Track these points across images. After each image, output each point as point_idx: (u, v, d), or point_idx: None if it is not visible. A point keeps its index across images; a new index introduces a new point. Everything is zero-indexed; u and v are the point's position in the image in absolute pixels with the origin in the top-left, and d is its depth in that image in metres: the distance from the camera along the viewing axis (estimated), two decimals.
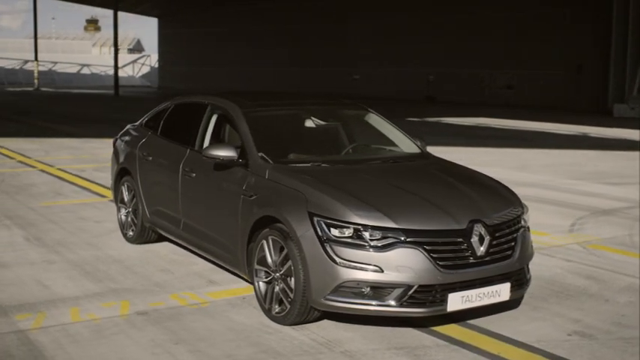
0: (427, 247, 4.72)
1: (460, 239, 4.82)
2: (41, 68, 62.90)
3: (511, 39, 37.51)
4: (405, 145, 6.49)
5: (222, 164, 5.77)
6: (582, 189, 11.23)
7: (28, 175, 11.92)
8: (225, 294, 5.82)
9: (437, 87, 41.53)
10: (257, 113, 6.10)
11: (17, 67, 64.44)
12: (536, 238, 7.83)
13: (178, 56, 61.04)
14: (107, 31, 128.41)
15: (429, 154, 6.38)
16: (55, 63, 67.05)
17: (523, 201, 5.64)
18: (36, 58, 55.32)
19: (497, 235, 4.99)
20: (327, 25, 47.56)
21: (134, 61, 73.36)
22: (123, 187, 7.48)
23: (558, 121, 26.49)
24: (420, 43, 41.82)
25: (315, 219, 4.81)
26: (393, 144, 6.50)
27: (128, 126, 7.98)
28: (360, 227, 4.72)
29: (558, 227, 8.51)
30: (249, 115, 6.00)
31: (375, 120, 6.72)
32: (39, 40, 57.92)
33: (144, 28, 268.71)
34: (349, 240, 4.72)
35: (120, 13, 49.37)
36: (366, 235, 4.71)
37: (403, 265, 4.66)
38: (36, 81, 55.05)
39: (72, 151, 15.35)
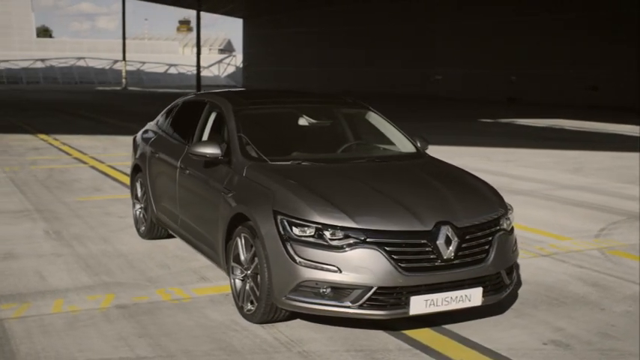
0: (388, 249, 4.62)
1: (424, 241, 4.69)
2: (130, 68, 65.05)
3: (595, 40, 36.27)
4: (403, 144, 6.38)
5: (210, 162, 5.81)
6: (628, 193, 10.75)
7: (76, 170, 12.32)
8: (211, 290, 5.86)
9: (520, 88, 40.54)
10: (248, 111, 6.12)
11: (107, 67, 66.70)
12: (555, 243, 7.62)
13: (262, 56, 61.86)
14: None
15: (424, 154, 6.25)
16: (144, 63, 69.11)
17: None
18: (124, 59, 57.12)
19: (467, 237, 4.83)
20: (408, 26, 47.15)
21: (220, 61, 74.80)
22: (137, 184, 7.64)
23: (638, 123, 25.46)
24: (503, 44, 40.92)
25: (279, 217, 4.78)
26: (390, 143, 6.40)
27: (148, 123, 8.14)
28: (320, 226, 4.66)
29: (586, 232, 8.18)
30: (238, 113, 6.03)
31: (375, 119, 6.63)
32: (130, 41, 59.97)
33: (235, 29, 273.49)
34: (310, 239, 4.67)
35: (212, 15, 50.36)
36: (327, 234, 4.65)
37: (362, 266, 4.57)
38: (124, 80, 56.88)
39: (130, 149, 15.74)
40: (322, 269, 4.61)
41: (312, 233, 4.67)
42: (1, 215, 8.59)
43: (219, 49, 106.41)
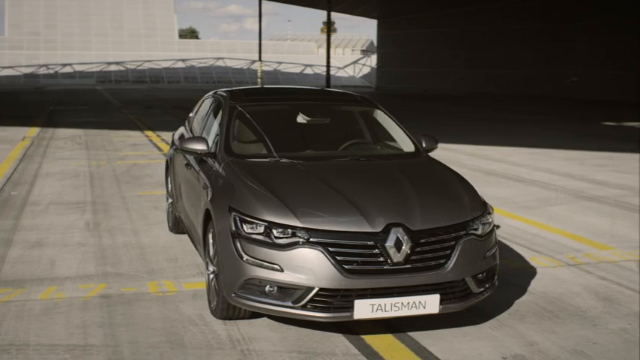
0: (331, 249, 4.49)
1: (371, 243, 4.52)
2: (267, 68, 66.78)
3: None
4: (405, 143, 6.18)
5: (201, 157, 5.89)
6: None
7: (156, 166, 12.77)
8: (200, 285, 5.92)
9: None
10: (243, 107, 6.14)
11: (244, 68, 68.73)
12: (592, 252, 7.15)
13: (395, 57, 61.63)
14: (342, 33, 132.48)
15: (422, 154, 6.02)
16: (280, 63, 70.68)
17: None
18: (259, 59, 58.71)
19: (422, 241, 4.61)
20: (545, 26, 45.43)
21: (355, 62, 75.28)
22: (168, 179, 7.84)
23: None
24: None
25: (233, 214, 4.77)
26: (391, 141, 6.22)
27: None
28: (267, 224, 4.61)
29: (635, 242, 7.59)
30: (233, 109, 6.07)
31: (382, 117, 6.47)
32: (267, 42, 61.53)
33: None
34: (259, 237, 4.63)
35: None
36: (273, 232, 4.58)
37: (304, 266, 4.48)
38: (259, 80, 58.43)
39: None
40: (266, 267, 4.56)
41: (262, 231, 4.63)
42: (57, 206, 9.06)
43: (361, 50, 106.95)
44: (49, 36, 65.18)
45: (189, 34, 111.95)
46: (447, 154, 15.04)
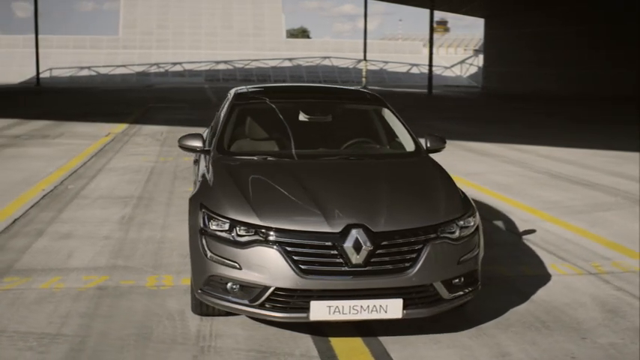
0: (289, 249, 4.44)
1: (329, 243, 4.44)
2: (373, 67, 66.72)
3: None
4: (407, 143, 6.03)
5: (201, 153, 5.97)
6: None
7: None
8: None
9: None
10: (245, 106, 6.16)
11: (350, 67, 68.91)
12: (621, 260, 6.81)
13: (502, 57, 60.13)
14: (455, 33, 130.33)
15: (421, 154, 5.84)
16: (386, 62, 70.44)
17: None
18: (364, 58, 58.74)
19: (385, 244, 4.48)
20: None
21: (462, 62, 74.09)
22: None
23: None
24: None
25: (203, 210, 4.80)
26: (395, 140, 6.10)
27: None
28: (230, 222, 4.61)
29: None
30: (234, 107, 6.11)
31: (388, 116, 6.34)
32: (373, 41, 61.55)
33: None
34: (222, 234, 4.64)
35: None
36: (236, 230, 4.58)
37: (261, 264, 4.45)
38: (363, 79, 58.50)
39: None
40: (227, 265, 4.56)
41: (227, 229, 4.63)
42: (104, 200, 9.39)
43: (473, 50, 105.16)
44: (161, 35, 67.55)
45: (300, 33, 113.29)
46: (519, 155, 14.58)
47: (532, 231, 7.92)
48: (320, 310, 4.43)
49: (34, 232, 7.56)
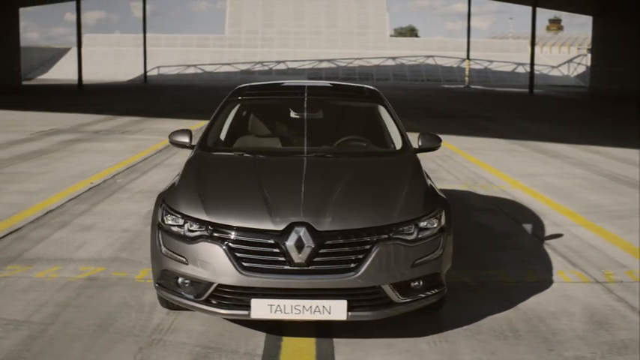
0: (232, 245, 4.42)
1: (271, 241, 4.38)
2: (477, 67, 65.50)
3: None
4: (397, 141, 5.87)
5: (188, 148, 6.04)
6: None
7: None
8: None
9: None
10: (239, 102, 6.17)
11: (454, 66, 67.88)
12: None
13: (611, 56, 57.63)
14: (568, 31, 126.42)
15: (407, 152, 5.66)
16: (491, 62, 68.94)
17: None
18: (467, 57, 57.75)
19: (329, 243, 4.38)
20: None
21: (569, 61, 71.60)
22: None
23: None
24: None
25: (162, 205, 4.85)
26: (386, 138, 5.96)
27: None
28: (181, 217, 4.64)
29: None
30: (226, 103, 6.13)
31: (384, 114, 6.19)
32: (478, 40, 60.33)
33: None
34: (174, 229, 4.67)
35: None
36: (187, 226, 4.60)
37: (204, 260, 4.46)
38: (466, 79, 57.58)
39: None
40: (176, 260, 4.59)
41: (180, 224, 4.66)
42: (143, 194, 9.65)
43: (587, 49, 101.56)
44: (266, 34, 68.78)
45: (408, 32, 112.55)
46: (590, 156, 13.96)
47: (558, 235, 7.56)
48: (261, 309, 4.38)
49: (59, 224, 7.84)
